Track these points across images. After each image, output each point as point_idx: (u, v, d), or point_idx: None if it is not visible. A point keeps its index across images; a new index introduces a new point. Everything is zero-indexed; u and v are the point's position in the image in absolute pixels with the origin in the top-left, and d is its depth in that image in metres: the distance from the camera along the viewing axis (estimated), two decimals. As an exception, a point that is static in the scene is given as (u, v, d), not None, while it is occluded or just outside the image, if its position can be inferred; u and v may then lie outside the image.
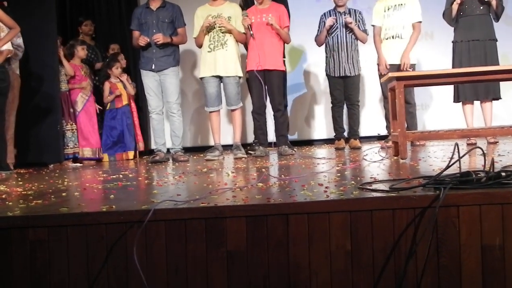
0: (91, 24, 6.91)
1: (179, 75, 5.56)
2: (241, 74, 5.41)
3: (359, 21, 5.78)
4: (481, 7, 5.23)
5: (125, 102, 6.45)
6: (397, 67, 5.43)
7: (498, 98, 5.37)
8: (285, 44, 5.68)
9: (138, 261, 1.91)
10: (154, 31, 5.34)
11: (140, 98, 7.09)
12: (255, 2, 5.54)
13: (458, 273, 1.93)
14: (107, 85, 6.39)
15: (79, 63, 6.24)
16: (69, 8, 7.47)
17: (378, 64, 5.69)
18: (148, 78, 5.45)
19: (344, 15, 5.74)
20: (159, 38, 5.26)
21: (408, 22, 5.53)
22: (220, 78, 5.35)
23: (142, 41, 5.30)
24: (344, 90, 5.82)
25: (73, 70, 5.97)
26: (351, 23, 5.65)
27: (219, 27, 5.27)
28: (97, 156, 6.13)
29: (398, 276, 1.94)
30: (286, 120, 5.80)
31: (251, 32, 5.27)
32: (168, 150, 5.70)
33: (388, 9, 5.60)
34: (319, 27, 5.90)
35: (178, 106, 5.47)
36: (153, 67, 5.39)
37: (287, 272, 1.96)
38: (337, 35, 5.76)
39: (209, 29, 5.31)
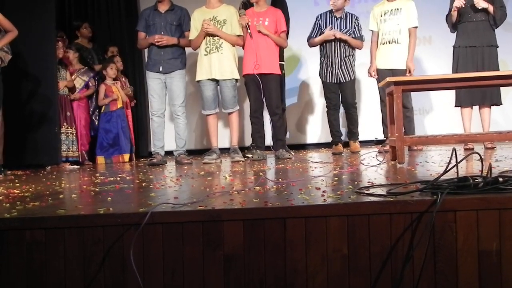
0: (90, 27, 6.90)
1: (185, 78, 5.54)
2: (237, 77, 5.37)
3: (355, 27, 5.72)
4: (480, 14, 5.24)
5: (120, 105, 6.44)
6: (394, 72, 5.44)
7: (498, 104, 5.37)
8: (284, 48, 5.67)
9: (135, 263, 1.91)
10: (162, 33, 5.35)
11: (138, 100, 7.10)
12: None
13: (455, 278, 1.93)
14: (102, 88, 6.37)
15: (76, 67, 6.27)
16: (68, 10, 7.46)
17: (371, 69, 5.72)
18: (153, 80, 5.44)
19: (341, 20, 5.72)
20: (163, 39, 5.25)
21: (405, 27, 5.54)
22: (216, 81, 5.34)
23: (158, 39, 5.27)
24: (340, 95, 5.81)
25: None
26: (340, 38, 5.63)
27: (205, 30, 5.24)
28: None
29: (394, 280, 1.94)
30: (284, 124, 5.79)
31: (249, 31, 5.26)
32: (166, 153, 5.69)
33: (385, 14, 5.61)
34: (313, 28, 5.86)
35: (183, 108, 5.45)
36: (160, 69, 5.39)
37: (284, 276, 1.96)
38: (331, 41, 5.73)
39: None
